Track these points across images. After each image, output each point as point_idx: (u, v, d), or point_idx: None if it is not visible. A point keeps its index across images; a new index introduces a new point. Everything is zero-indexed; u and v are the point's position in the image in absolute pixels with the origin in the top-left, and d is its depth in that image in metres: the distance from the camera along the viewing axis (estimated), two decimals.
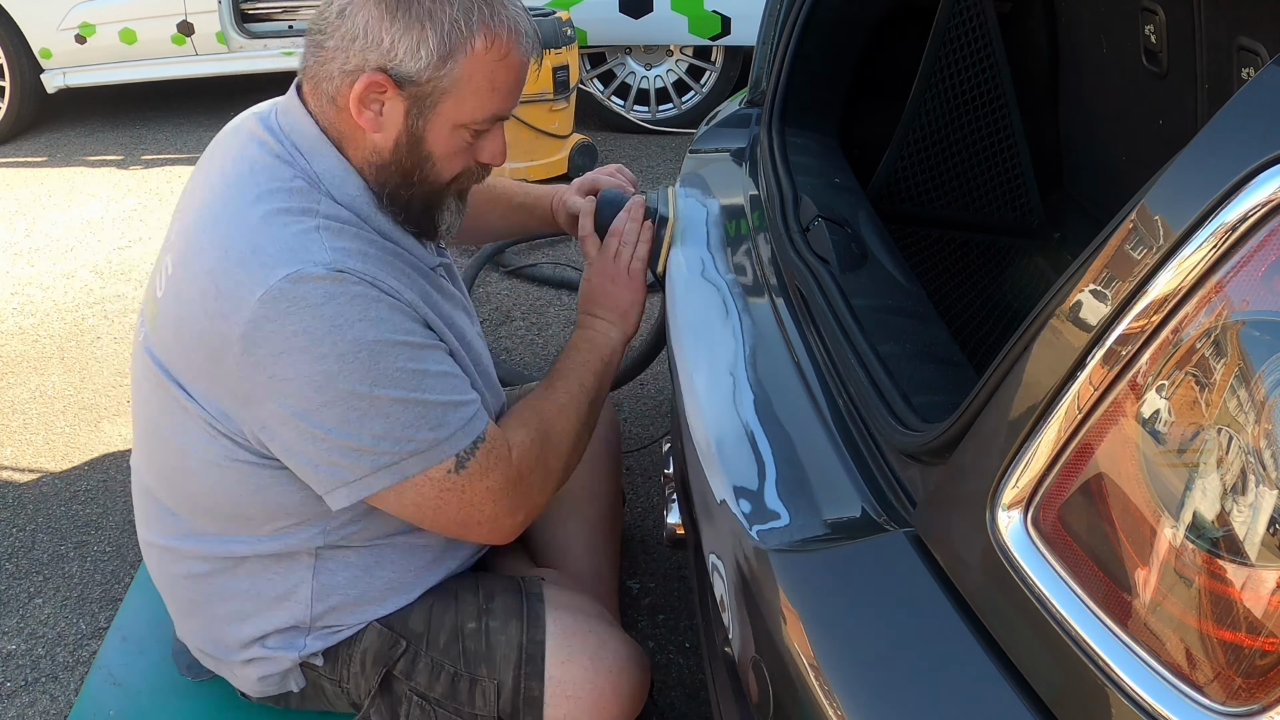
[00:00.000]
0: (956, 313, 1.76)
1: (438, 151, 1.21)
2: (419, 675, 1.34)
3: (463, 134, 1.20)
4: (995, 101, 1.95)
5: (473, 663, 1.33)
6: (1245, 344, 0.63)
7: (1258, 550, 0.61)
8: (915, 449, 0.93)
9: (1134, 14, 1.62)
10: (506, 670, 1.32)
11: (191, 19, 4.75)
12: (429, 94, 1.16)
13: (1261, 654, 0.61)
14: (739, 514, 1.05)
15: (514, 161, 4.04)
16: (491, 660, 1.33)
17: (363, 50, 1.14)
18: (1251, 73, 1.29)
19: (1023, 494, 0.75)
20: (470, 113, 1.18)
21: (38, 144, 5.06)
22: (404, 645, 1.34)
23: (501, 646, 1.33)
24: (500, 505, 1.24)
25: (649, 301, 1.60)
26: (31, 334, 3.22)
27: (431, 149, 1.20)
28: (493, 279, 3.41)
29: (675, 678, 1.86)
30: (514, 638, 1.34)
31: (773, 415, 1.20)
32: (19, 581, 2.15)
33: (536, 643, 1.33)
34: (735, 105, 2.09)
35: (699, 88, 4.81)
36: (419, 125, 1.18)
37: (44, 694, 1.87)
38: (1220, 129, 0.69)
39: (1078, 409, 0.71)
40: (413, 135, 1.19)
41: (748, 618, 0.99)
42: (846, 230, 1.44)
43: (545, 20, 3.95)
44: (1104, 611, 0.69)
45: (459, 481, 1.20)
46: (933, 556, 0.85)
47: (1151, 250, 0.67)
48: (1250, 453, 0.62)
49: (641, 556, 2.15)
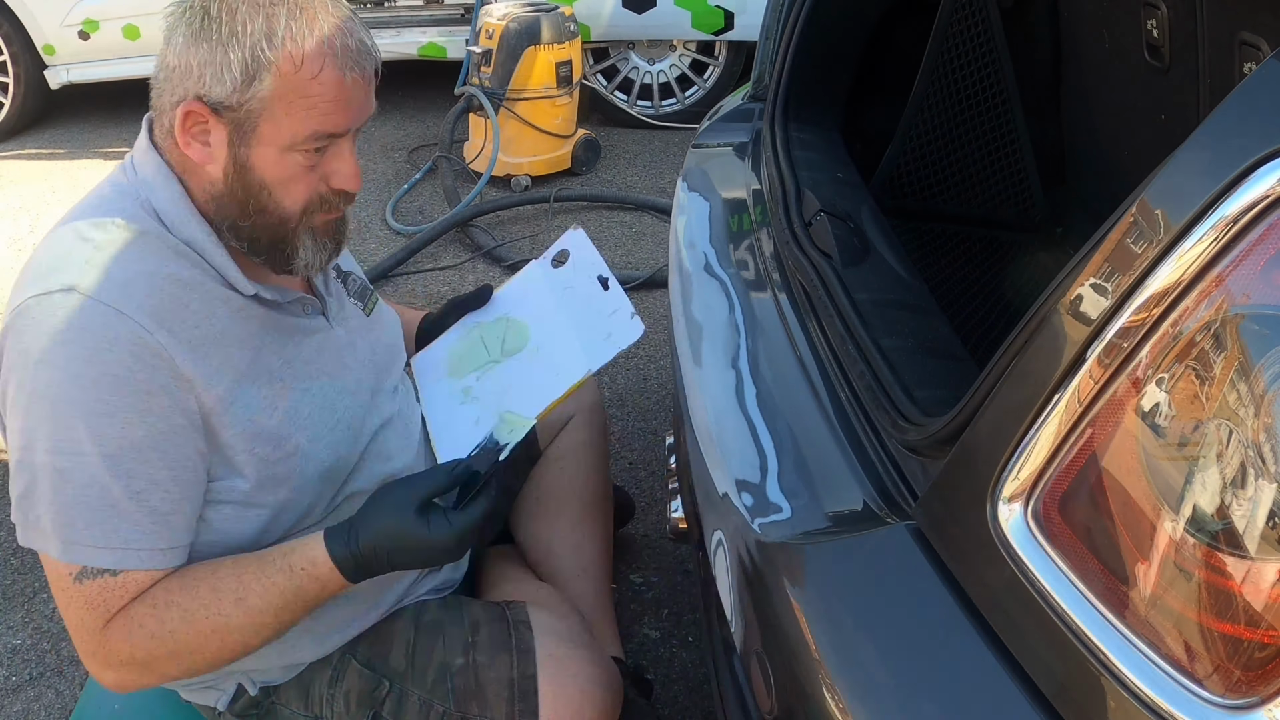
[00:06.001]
0: (959, 307, 1.76)
1: (269, 178, 1.14)
2: (407, 715, 1.31)
3: (294, 158, 1.13)
4: (998, 96, 1.95)
5: (463, 701, 1.31)
6: (1245, 337, 0.64)
7: (1257, 543, 0.62)
8: (917, 442, 0.93)
9: (1136, 9, 1.62)
10: (499, 707, 1.30)
11: None
12: (244, 119, 1.11)
13: (1261, 646, 0.62)
14: (741, 507, 1.06)
15: (518, 157, 4.04)
16: (483, 698, 1.31)
17: (182, 80, 1.12)
18: (1253, 67, 1.29)
19: (1023, 487, 0.75)
20: (289, 134, 1.12)
21: (42, 140, 5.06)
22: (388, 686, 1.31)
23: (492, 683, 1.31)
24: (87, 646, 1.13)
25: (644, 305, 1.58)
26: None
27: (263, 175, 1.14)
28: (494, 273, 3.41)
29: (678, 671, 1.87)
30: (504, 673, 1.31)
31: (775, 409, 1.21)
32: (24, 576, 2.16)
33: (529, 677, 1.31)
34: (738, 100, 2.09)
35: (702, 83, 4.81)
36: (242, 152, 1.13)
37: (49, 688, 1.88)
38: (1221, 123, 0.69)
39: (1078, 403, 0.71)
40: (239, 163, 1.14)
41: (750, 610, 1.00)
42: (849, 225, 1.45)
43: (548, 15, 3.95)
44: (1104, 604, 0.70)
45: (69, 590, 1.11)
46: (934, 549, 0.86)
47: (1152, 244, 0.67)
48: (1250, 446, 0.62)
49: (645, 550, 2.15)
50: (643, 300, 3.11)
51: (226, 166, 1.14)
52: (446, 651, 1.33)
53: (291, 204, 1.16)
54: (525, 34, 3.91)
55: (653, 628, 1.96)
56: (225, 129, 1.12)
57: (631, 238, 3.69)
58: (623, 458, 2.45)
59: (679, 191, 1.82)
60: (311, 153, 1.14)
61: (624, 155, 4.49)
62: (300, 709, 1.33)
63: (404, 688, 1.32)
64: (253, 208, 1.15)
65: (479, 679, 1.31)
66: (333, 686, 1.32)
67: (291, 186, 1.15)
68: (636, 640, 1.93)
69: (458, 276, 3.42)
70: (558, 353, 1.44)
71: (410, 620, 1.37)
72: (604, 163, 4.37)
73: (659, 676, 1.85)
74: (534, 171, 4.09)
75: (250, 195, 1.15)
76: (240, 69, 1.09)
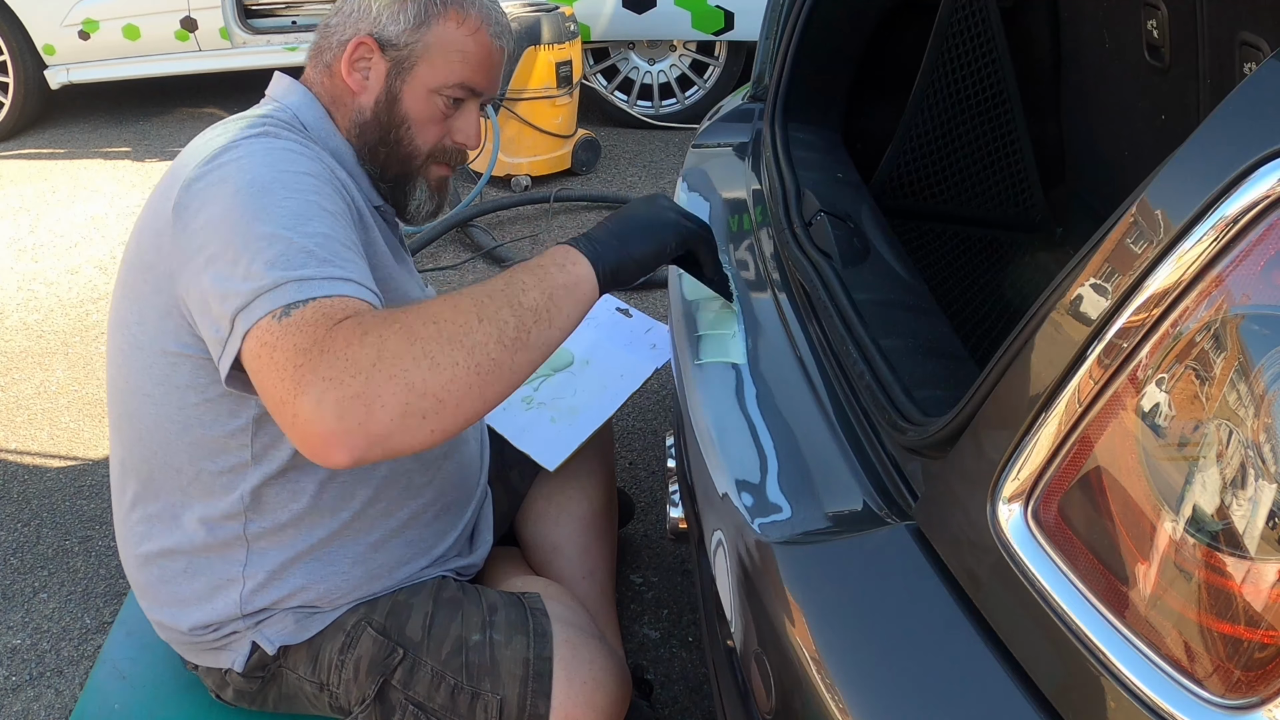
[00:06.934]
0: (958, 307, 1.76)
1: (413, 114, 1.32)
2: (418, 685, 1.32)
3: (436, 101, 1.32)
4: (998, 96, 1.94)
5: (475, 676, 1.32)
6: (1245, 338, 0.63)
7: (1257, 544, 0.62)
8: (917, 443, 0.93)
9: (1136, 9, 1.62)
10: (512, 686, 1.31)
11: (195, 15, 4.76)
12: (406, 57, 1.30)
13: (1261, 647, 0.62)
14: (741, 507, 1.05)
15: (519, 156, 4.04)
16: (496, 675, 1.31)
17: (355, 21, 1.31)
18: (1253, 67, 1.29)
19: (1023, 487, 0.75)
20: (442, 77, 1.31)
21: (42, 140, 5.06)
22: (401, 654, 1.32)
23: (507, 661, 1.32)
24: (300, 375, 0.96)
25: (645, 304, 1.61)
26: (36, 329, 3.23)
27: (407, 110, 1.32)
28: (481, 267, 3.41)
29: (678, 671, 1.87)
30: (520, 652, 1.32)
31: (775, 409, 1.21)
32: (24, 576, 2.16)
33: (544, 659, 1.32)
34: (738, 100, 2.09)
35: (702, 83, 4.81)
36: (397, 85, 1.31)
37: (49, 688, 1.88)
38: (1221, 123, 0.69)
39: (1078, 403, 0.71)
40: (391, 94, 1.31)
41: (750, 611, 1.00)
42: (849, 225, 1.44)
43: (549, 15, 3.95)
44: (1104, 604, 0.70)
45: (276, 331, 0.99)
46: (933, 549, 0.86)
47: (1152, 244, 0.67)
48: (1249, 446, 0.62)
49: (645, 551, 2.15)
50: (643, 300, 3.11)
51: (379, 96, 1.32)
52: (464, 627, 1.35)
53: (422, 142, 1.34)
54: (525, 34, 3.91)
55: (653, 628, 1.96)
56: (386, 64, 1.31)
57: None
58: (623, 458, 2.45)
59: (679, 191, 1.82)
60: (450, 103, 1.33)
61: (624, 155, 4.49)
62: (308, 674, 1.35)
63: (418, 657, 1.33)
64: (393, 137, 1.33)
65: (494, 656, 1.32)
66: (344, 653, 1.34)
67: (427, 127, 1.33)
68: (636, 640, 1.93)
69: (458, 276, 3.42)
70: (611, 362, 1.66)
71: (430, 594, 1.39)
72: (604, 163, 4.37)
73: (659, 676, 1.85)
74: (534, 171, 4.09)
75: (393, 125, 1.32)
76: (414, 13, 1.29)
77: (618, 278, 1.18)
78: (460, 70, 1.31)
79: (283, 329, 0.99)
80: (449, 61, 1.31)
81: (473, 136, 1.37)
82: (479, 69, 1.33)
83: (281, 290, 1.01)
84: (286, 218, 1.08)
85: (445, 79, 1.31)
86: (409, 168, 1.35)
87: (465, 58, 1.31)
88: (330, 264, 1.05)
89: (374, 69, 1.31)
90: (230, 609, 1.32)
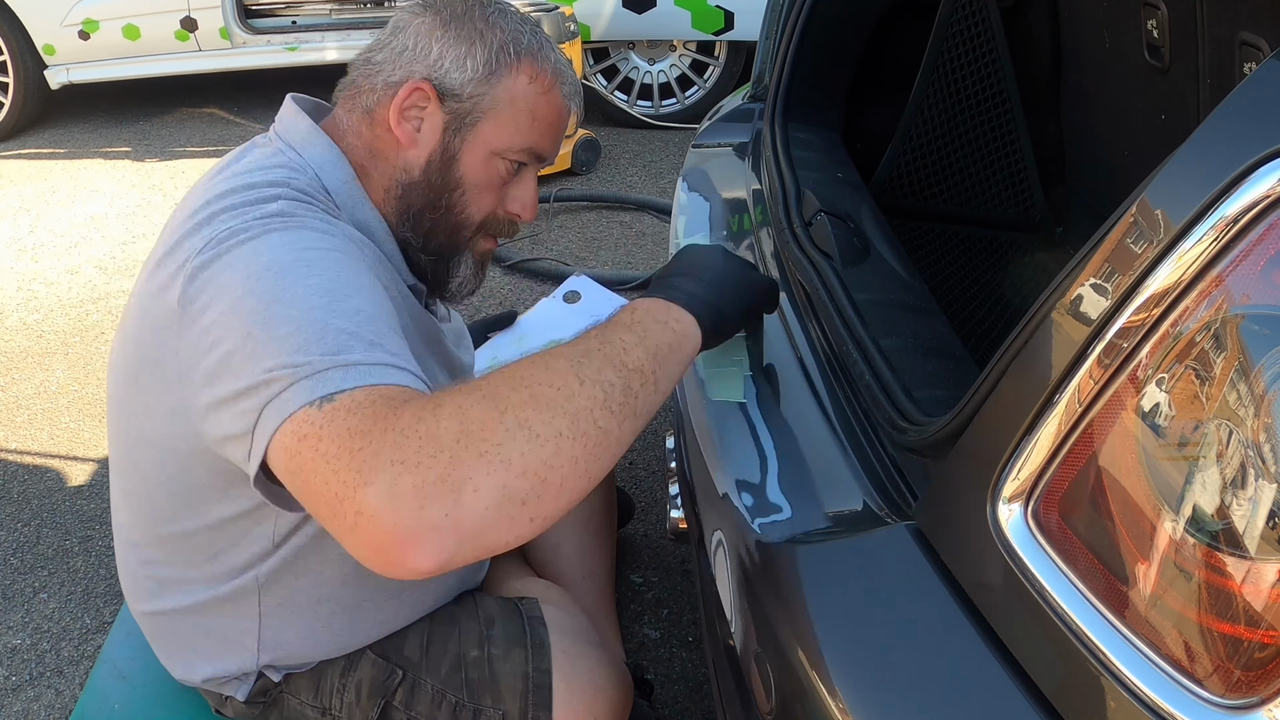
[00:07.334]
0: (959, 307, 1.76)
1: (470, 177, 1.15)
2: (420, 705, 1.30)
3: (497, 165, 1.15)
4: (998, 96, 1.95)
5: (477, 692, 1.30)
6: (1245, 338, 0.63)
7: (1257, 544, 0.62)
8: (917, 443, 0.93)
9: (1136, 9, 1.62)
10: (513, 700, 1.29)
11: (195, 15, 4.75)
12: (469, 111, 1.13)
13: (1261, 647, 0.62)
14: (741, 507, 1.05)
15: None
16: (497, 690, 1.30)
17: (409, 62, 1.13)
18: (1253, 67, 1.29)
19: (1023, 487, 0.75)
20: (508, 139, 1.14)
21: (42, 140, 5.06)
22: (400, 674, 1.30)
23: (506, 676, 1.30)
24: (360, 460, 0.79)
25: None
26: (36, 329, 3.23)
27: (464, 173, 1.15)
28: (495, 274, 3.41)
29: (678, 671, 1.87)
30: (519, 666, 1.30)
31: (775, 409, 1.21)
32: (24, 576, 2.16)
33: (543, 672, 1.30)
34: (738, 100, 2.09)
35: (702, 83, 4.81)
36: (455, 143, 1.14)
37: (49, 688, 1.88)
38: (1221, 123, 0.69)
39: (1078, 403, 0.71)
40: (447, 153, 1.14)
41: (750, 611, 1.00)
42: (849, 225, 1.44)
43: (548, 15, 3.95)
44: (1104, 604, 0.70)
45: (318, 420, 0.83)
46: (934, 549, 0.86)
47: (1152, 244, 0.67)
48: (1250, 446, 0.62)
49: (645, 551, 2.15)
50: None
51: (433, 154, 1.14)
52: (462, 643, 1.33)
53: (476, 210, 1.17)
54: None
55: (653, 628, 1.96)
56: (444, 117, 1.13)
57: (632, 238, 3.69)
58: (623, 458, 2.45)
59: (679, 191, 1.82)
60: (512, 167, 1.16)
61: (624, 155, 4.49)
62: (310, 699, 1.33)
63: (418, 677, 1.31)
64: (444, 202, 1.16)
65: (494, 671, 1.31)
66: (344, 677, 1.32)
67: (484, 194, 1.16)
68: (636, 640, 1.93)
69: None
70: None
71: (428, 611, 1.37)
72: (604, 163, 4.37)
73: (659, 676, 1.85)
74: None
75: (446, 189, 1.15)
76: (484, 60, 1.12)
77: (720, 334, 1.07)
78: (529, 133, 1.15)
79: (326, 416, 0.82)
80: (518, 121, 1.14)
81: (529, 207, 1.20)
82: (548, 133, 1.17)
83: (323, 377, 0.85)
84: (316, 296, 0.92)
85: (511, 141, 1.14)
86: (457, 239, 1.18)
87: (535, 119, 1.15)
88: (379, 348, 0.90)
89: (428, 120, 1.13)
90: (245, 664, 1.29)
